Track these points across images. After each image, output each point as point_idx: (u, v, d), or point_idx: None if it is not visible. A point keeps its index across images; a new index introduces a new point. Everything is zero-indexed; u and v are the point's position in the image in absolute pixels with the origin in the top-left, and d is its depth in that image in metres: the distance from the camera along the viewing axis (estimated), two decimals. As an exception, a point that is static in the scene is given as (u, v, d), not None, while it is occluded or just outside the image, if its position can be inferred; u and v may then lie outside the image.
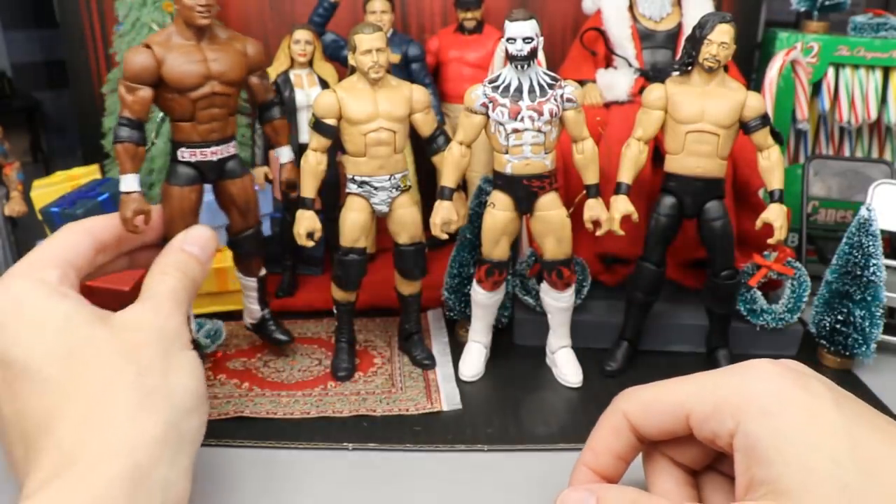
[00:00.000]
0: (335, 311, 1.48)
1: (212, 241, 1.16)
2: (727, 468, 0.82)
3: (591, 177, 1.35)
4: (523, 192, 1.32)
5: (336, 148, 1.41)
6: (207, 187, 1.32)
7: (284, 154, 1.41)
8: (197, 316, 1.64)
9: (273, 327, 1.49)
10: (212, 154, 1.26)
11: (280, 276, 1.79)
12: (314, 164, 1.33)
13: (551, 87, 1.28)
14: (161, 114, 1.89)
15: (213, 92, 1.22)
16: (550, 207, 1.33)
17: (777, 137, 1.36)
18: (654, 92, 1.34)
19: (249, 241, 1.38)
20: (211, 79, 1.21)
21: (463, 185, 1.53)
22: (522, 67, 1.25)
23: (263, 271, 1.47)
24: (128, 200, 1.17)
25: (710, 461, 0.91)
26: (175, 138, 1.26)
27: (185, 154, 1.25)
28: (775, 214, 1.33)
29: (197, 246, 1.13)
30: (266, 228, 1.45)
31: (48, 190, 1.88)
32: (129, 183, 1.18)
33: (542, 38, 1.27)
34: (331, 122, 1.31)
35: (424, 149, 1.41)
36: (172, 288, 1.03)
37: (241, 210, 1.34)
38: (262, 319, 1.50)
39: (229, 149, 1.30)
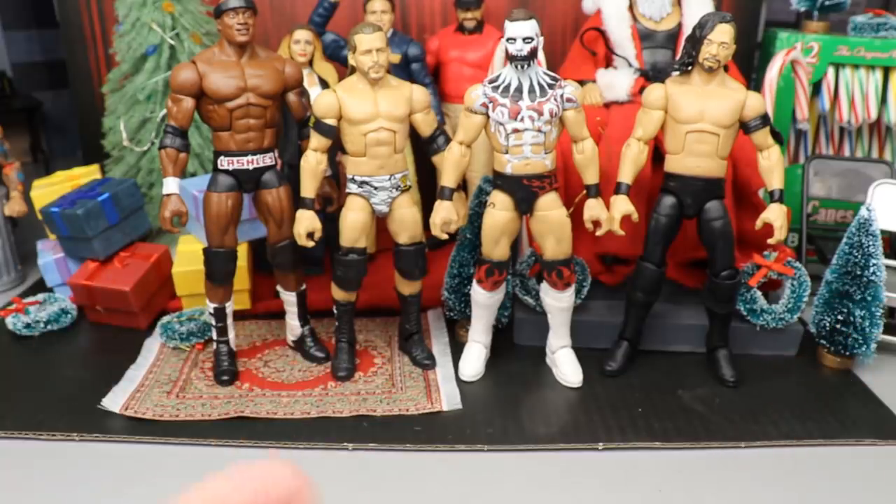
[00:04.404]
0: (335, 311, 1.47)
1: None
2: None
3: (591, 177, 1.35)
4: (523, 192, 1.31)
5: (336, 148, 1.41)
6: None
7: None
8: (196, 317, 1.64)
9: (311, 344, 1.51)
10: (248, 163, 1.35)
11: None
12: (314, 164, 1.33)
13: (551, 87, 1.28)
14: (162, 114, 1.89)
15: (248, 103, 1.31)
16: (550, 207, 1.33)
17: (777, 137, 1.36)
18: (655, 92, 1.34)
19: (285, 251, 1.42)
20: (247, 91, 1.31)
21: (463, 185, 1.53)
22: (522, 67, 1.25)
23: (304, 286, 1.49)
24: (167, 202, 1.30)
25: None
26: (216, 148, 1.36)
27: (223, 162, 1.35)
28: (775, 214, 1.32)
29: None
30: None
31: (48, 190, 1.88)
32: (169, 185, 1.30)
33: (542, 38, 1.27)
34: (331, 122, 1.31)
35: (424, 149, 1.42)
36: None
37: (277, 221, 1.40)
38: (301, 336, 1.52)
39: (266, 159, 1.37)
